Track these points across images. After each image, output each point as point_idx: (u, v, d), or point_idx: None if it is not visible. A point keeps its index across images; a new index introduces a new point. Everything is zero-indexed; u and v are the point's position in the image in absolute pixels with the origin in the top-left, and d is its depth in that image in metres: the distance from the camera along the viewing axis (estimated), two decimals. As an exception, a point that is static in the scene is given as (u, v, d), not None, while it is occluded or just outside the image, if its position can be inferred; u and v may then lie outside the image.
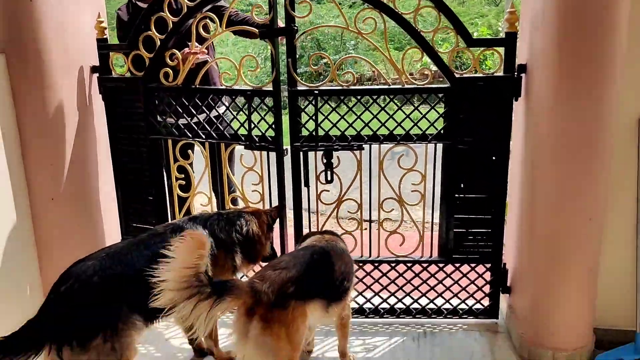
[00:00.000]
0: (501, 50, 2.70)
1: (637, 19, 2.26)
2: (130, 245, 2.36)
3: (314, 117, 2.81)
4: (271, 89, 2.81)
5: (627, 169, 2.60)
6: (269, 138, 2.88)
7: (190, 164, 3.13)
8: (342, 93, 2.82)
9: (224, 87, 2.97)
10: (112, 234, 3.23)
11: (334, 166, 2.87)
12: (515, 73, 2.69)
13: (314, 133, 2.84)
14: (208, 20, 2.83)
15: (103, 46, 2.98)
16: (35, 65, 2.76)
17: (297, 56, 2.83)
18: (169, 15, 2.81)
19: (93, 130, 3.08)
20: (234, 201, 3.34)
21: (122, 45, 3.01)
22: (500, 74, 2.72)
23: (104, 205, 3.16)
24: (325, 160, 2.87)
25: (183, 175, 3.11)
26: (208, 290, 1.87)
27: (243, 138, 2.92)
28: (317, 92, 2.79)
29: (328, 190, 2.91)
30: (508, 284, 2.98)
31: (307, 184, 2.90)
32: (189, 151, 3.17)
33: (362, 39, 2.73)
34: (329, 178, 2.89)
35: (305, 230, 2.98)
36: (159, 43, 2.86)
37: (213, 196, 3.16)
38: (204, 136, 2.98)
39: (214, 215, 2.63)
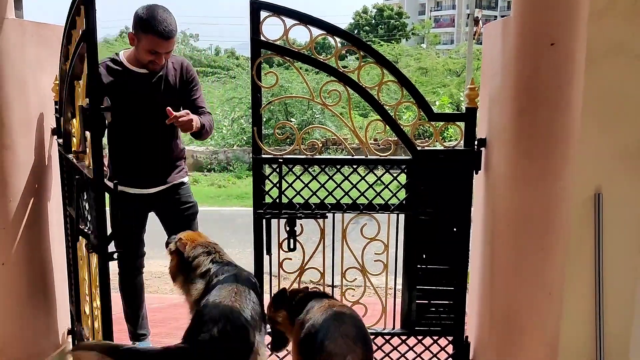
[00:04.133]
0: (462, 124, 2.78)
1: (591, 96, 2.35)
2: None
3: (277, 185, 2.81)
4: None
5: (585, 243, 2.63)
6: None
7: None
8: (306, 162, 2.84)
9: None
10: (64, 301, 3.09)
11: (297, 234, 2.85)
12: (475, 147, 2.76)
13: (277, 200, 2.83)
14: None
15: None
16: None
17: (265, 119, 2.83)
18: None
19: (49, 192, 2.99)
20: None
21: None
22: (461, 147, 2.79)
23: (56, 270, 3.04)
24: (288, 228, 2.85)
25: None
26: None
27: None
28: (281, 160, 2.80)
29: (290, 259, 2.87)
30: (470, 358, 2.94)
31: (268, 252, 2.85)
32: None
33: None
34: (291, 246, 2.86)
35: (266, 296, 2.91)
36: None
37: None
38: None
39: None
